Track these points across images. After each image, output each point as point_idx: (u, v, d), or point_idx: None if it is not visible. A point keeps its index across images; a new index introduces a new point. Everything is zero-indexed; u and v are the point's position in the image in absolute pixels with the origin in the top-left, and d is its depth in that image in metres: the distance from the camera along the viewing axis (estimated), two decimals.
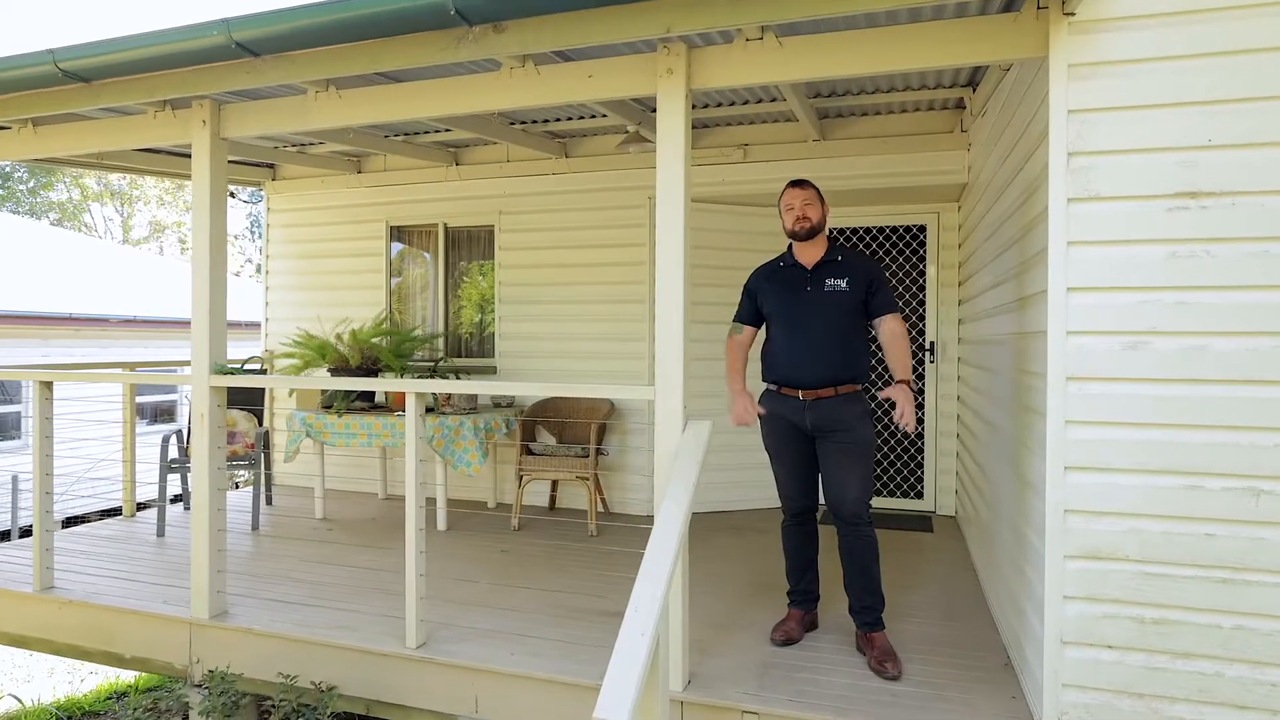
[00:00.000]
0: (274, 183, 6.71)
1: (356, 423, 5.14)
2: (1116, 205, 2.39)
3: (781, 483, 3.38)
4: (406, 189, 6.29)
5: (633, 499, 5.71)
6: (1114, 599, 2.40)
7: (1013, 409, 3.27)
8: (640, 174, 5.61)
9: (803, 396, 3.21)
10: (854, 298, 3.20)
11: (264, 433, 5.37)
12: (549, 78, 3.06)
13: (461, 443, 5.05)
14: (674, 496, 2.45)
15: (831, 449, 3.19)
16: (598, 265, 5.73)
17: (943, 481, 5.70)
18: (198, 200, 3.54)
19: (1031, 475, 2.83)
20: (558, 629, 3.42)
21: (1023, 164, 3.07)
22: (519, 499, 5.15)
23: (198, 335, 3.54)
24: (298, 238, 6.68)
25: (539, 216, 5.91)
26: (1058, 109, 2.44)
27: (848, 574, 3.22)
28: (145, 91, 3.32)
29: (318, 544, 4.81)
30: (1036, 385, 2.75)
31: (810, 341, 3.20)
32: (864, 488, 3.17)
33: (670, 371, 2.82)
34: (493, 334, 6.08)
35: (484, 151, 6.05)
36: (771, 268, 3.40)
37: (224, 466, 3.59)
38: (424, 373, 5.60)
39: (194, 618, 3.55)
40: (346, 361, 5.15)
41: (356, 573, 4.20)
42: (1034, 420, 2.79)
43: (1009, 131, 3.41)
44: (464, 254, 6.28)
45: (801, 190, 3.25)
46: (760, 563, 4.46)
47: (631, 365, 5.65)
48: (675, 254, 2.83)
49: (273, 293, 6.77)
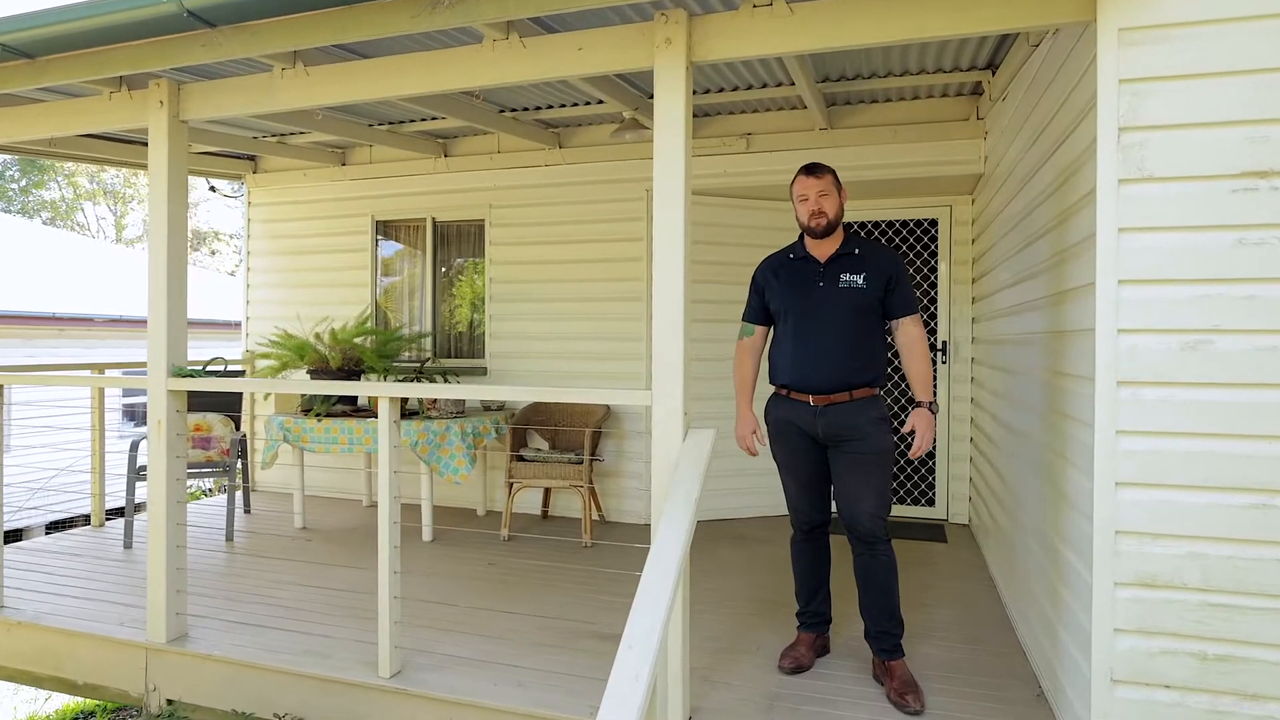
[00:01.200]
0: (255, 176, 6.42)
1: (337, 427, 4.85)
2: (1174, 187, 2.11)
3: (791, 495, 3.10)
4: (393, 182, 6.00)
5: (630, 507, 5.42)
6: (1172, 632, 2.12)
7: (1044, 414, 2.99)
8: (637, 165, 5.33)
9: (814, 402, 2.93)
10: (872, 295, 2.92)
11: (241, 438, 5.08)
12: (535, 51, 2.77)
13: (448, 449, 4.76)
14: (672, 517, 2.17)
15: (846, 459, 2.91)
16: (593, 261, 5.45)
17: (955, 488, 5.42)
18: (154, 188, 3.26)
19: (1069, 489, 2.55)
20: (546, 655, 3.13)
21: (1058, 144, 2.79)
22: (509, 508, 4.86)
23: (154, 334, 3.26)
24: (280, 233, 6.39)
25: (531, 210, 5.62)
26: (1107, 79, 2.15)
27: (864, 596, 2.94)
28: (94, 68, 3.03)
29: (293, 557, 4.52)
30: (1077, 389, 2.47)
31: (823, 342, 2.92)
32: (881, 501, 2.89)
33: (669, 374, 2.53)
34: (483, 334, 5.79)
35: (473, 142, 5.77)
36: (780, 260, 3.12)
37: (183, 477, 3.31)
38: (410, 374, 5.32)
39: (150, 642, 3.26)
40: (326, 363, 4.87)
41: (332, 589, 3.91)
42: (1073, 428, 2.51)
43: (1039, 111, 3.13)
44: (453, 250, 6.00)
45: (816, 179, 2.97)
46: (764, 576, 4.18)
47: (629, 366, 5.37)
48: (675, 246, 2.54)
49: (254, 290, 6.48)
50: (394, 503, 2.88)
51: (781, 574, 4.19)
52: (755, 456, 3.10)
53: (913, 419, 2.84)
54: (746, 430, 3.05)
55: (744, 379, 3.13)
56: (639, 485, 5.37)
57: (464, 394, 2.81)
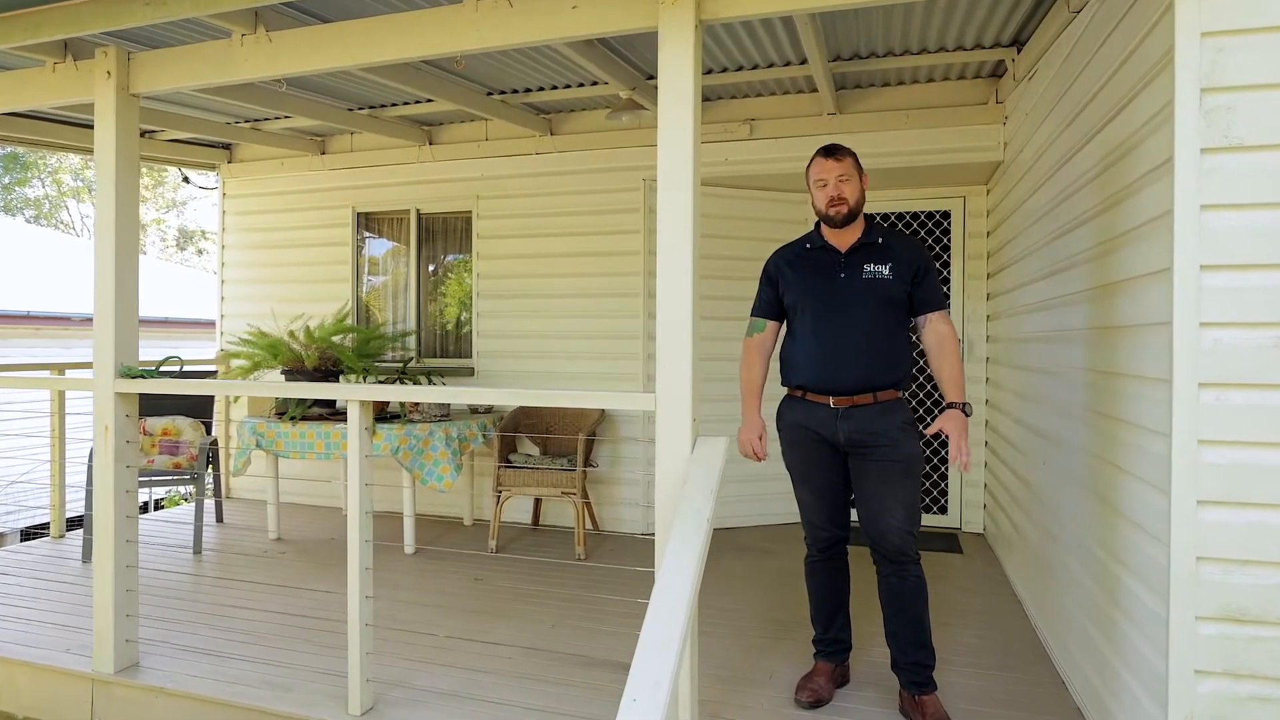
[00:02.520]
0: (230, 165, 6.08)
1: (313, 432, 4.52)
2: (1267, 157, 1.82)
3: (807, 509, 2.80)
4: (375, 171, 5.68)
5: (626, 516, 5.12)
6: (1265, 675, 1.82)
7: (1087, 418, 2.70)
8: (634, 153, 5.02)
9: (834, 404, 2.64)
10: (898, 287, 2.63)
11: (210, 443, 4.75)
12: (523, 10, 2.46)
13: (431, 455, 4.44)
14: (681, 542, 1.86)
15: (870, 468, 2.62)
16: (587, 255, 5.13)
17: (969, 495, 5.13)
18: (102, 170, 2.93)
19: (1129, 505, 2.25)
20: (535, 690, 2.82)
21: (1108, 119, 2.49)
22: (496, 518, 4.54)
23: (101, 331, 2.93)
24: (256, 225, 6.05)
25: (521, 201, 5.31)
26: (1186, 31, 1.86)
27: (891, 623, 2.64)
28: (28, 30, 2.70)
29: (263, 573, 4.19)
30: (1138, 392, 2.18)
31: (845, 338, 2.63)
32: (910, 516, 2.59)
33: (675, 376, 2.23)
34: (470, 332, 5.47)
35: (460, 130, 5.45)
36: (796, 250, 2.82)
37: (133, 489, 2.98)
38: (392, 375, 5.00)
39: (97, 672, 2.93)
40: (301, 362, 4.54)
41: (303, 611, 3.58)
42: (1134, 436, 2.21)
43: (1080, 86, 2.84)
44: (438, 243, 5.67)
45: (836, 161, 2.67)
46: (773, 593, 3.87)
47: (625, 366, 5.06)
48: (682, 233, 2.24)
49: (229, 287, 6.14)
50: (365, 519, 2.56)
51: (790, 590, 3.90)
52: (762, 461, 2.79)
53: (941, 421, 2.53)
54: (753, 435, 2.75)
55: (752, 380, 2.84)
56: (636, 493, 5.07)
57: (443, 397, 2.50)
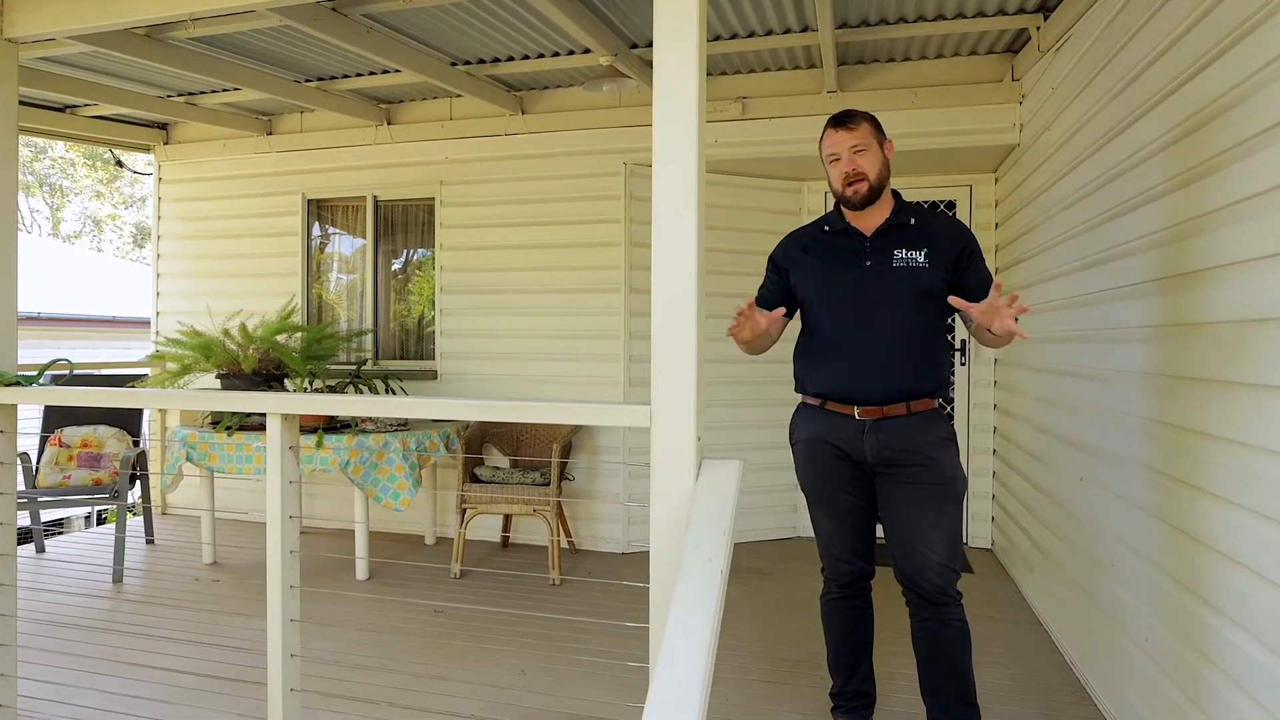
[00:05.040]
0: (166, 147, 5.51)
1: (251, 444, 4.00)
2: None
3: (826, 538, 2.36)
4: (328, 154, 5.16)
5: (605, 533, 4.66)
6: None
7: (1151, 430, 2.30)
8: (615, 134, 4.56)
9: (860, 415, 2.22)
10: (936, 277, 2.22)
11: (133, 457, 4.20)
12: None
13: (386, 469, 3.95)
14: (690, 601, 1.41)
15: (903, 492, 2.19)
16: (562, 246, 4.67)
17: (976, 507, 4.75)
18: None
19: (1219, 536, 1.85)
20: None
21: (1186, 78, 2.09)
22: (460, 538, 4.06)
23: None
24: (195, 214, 5.49)
25: (489, 187, 4.83)
26: None
27: (929, 676, 2.21)
28: None
29: (190, 605, 3.67)
30: (1236, 401, 1.77)
31: (873, 338, 2.21)
32: (952, 549, 2.17)
33: (676, 385, 1.77)
34: (433, 331, 4.98)
35: (421, 108, 4.95)
36: (811, 234, 2.39)
37: (11, 521, 2.45)
38: (345, 379, 4.49)
39: None
40: (238, 365, 4.02)
41: (231, 656, 3.08)
42: (1225, 453, 1.81)
43: (1139, 44, 2.44)
44: (398, 233, 5.17)
45: (849, 131, 2.23)
46: (776, 624, 3.44)
47: (603, 369, 4.61)
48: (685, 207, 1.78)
49: (166, 281, 5.58)
50: (289, 561, 2.07)
51: (796, 619, 3.47)
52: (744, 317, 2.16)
53: None
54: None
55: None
56: (616, 509, 4.61)
57: (391, 410, 2.03)
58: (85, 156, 21.06)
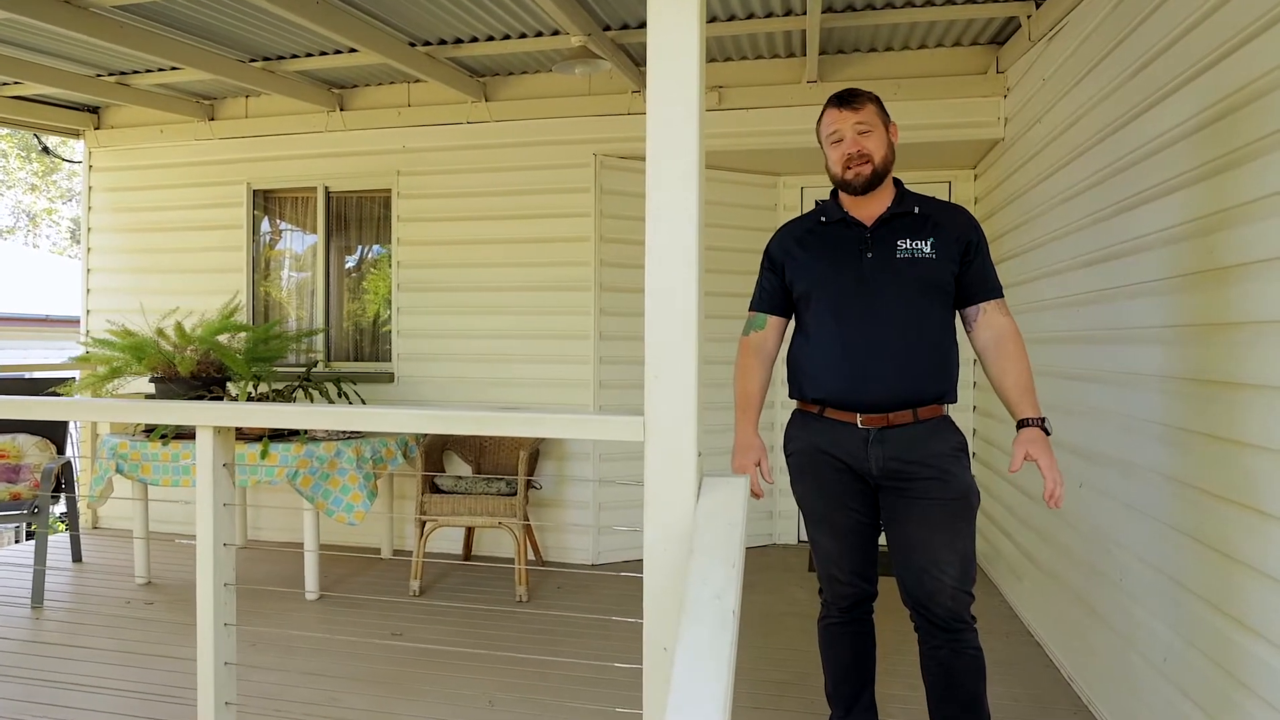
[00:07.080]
0: (98, 132, 5.11)
1: (189, 452, 3.67)
2: None
3: (825, 557, 2.17)
4: (275, 141, 4.82)
5: (574, 544, 4.42)
6: None
7: (1174, 438, 2.15)
8: (585, 124, 4.32)
9: (863, 424, 2.02)
10: (943, 269, 2.04)
11: (57, 468, 3.83)
12: None
13: (338, 479, 3.65)
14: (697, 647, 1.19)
15: (911, 508, 2.00)
16: (528, 242, 4.41)
17: None
18: None
19: (1259, 554, 1.69)
20: None
21: (1214, 60, 1.93)
22: (420, 551, 3.78)
23: None
24: (130, 204, 5.10)
25: (450, 179, 4.54)
26: None
27: (941, 707, 2.03)
28: None
29: (117, 635, 3.33)
30: None
31: (875, 337, 2.01)
32: (966, 570, 1.99)
33: (674, 394, 1.54)
34: (389, 331, 4.68)
35: (376, 93, 4.65)
36: (807, 226, 2.20)
37: None
38: (293, 382, 4.17)
39: None
40: (174, 368, 3.68)
41: (160, 692, 2.77)
42: (1265, 463, 1.65)
43: (1153, 26, 2.29)
44: (352, 226, 4.85)
45: (853, 110, 2.05)
46: (760, 641, 3.23)
47: (571, 371, 4.36)
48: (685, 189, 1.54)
49: (96, 277, 5.17)
50: (223, 594, 1.79)
51: (783, 635, 3.27)
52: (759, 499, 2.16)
53: (1023, 445, 1.93)
54: (750, 461, 2.12)
55: (749, 390, 2.19)
56: (586, 516, 4.37)
57: (337, 423, 1.76)
58: (19, 147, 20.03)
